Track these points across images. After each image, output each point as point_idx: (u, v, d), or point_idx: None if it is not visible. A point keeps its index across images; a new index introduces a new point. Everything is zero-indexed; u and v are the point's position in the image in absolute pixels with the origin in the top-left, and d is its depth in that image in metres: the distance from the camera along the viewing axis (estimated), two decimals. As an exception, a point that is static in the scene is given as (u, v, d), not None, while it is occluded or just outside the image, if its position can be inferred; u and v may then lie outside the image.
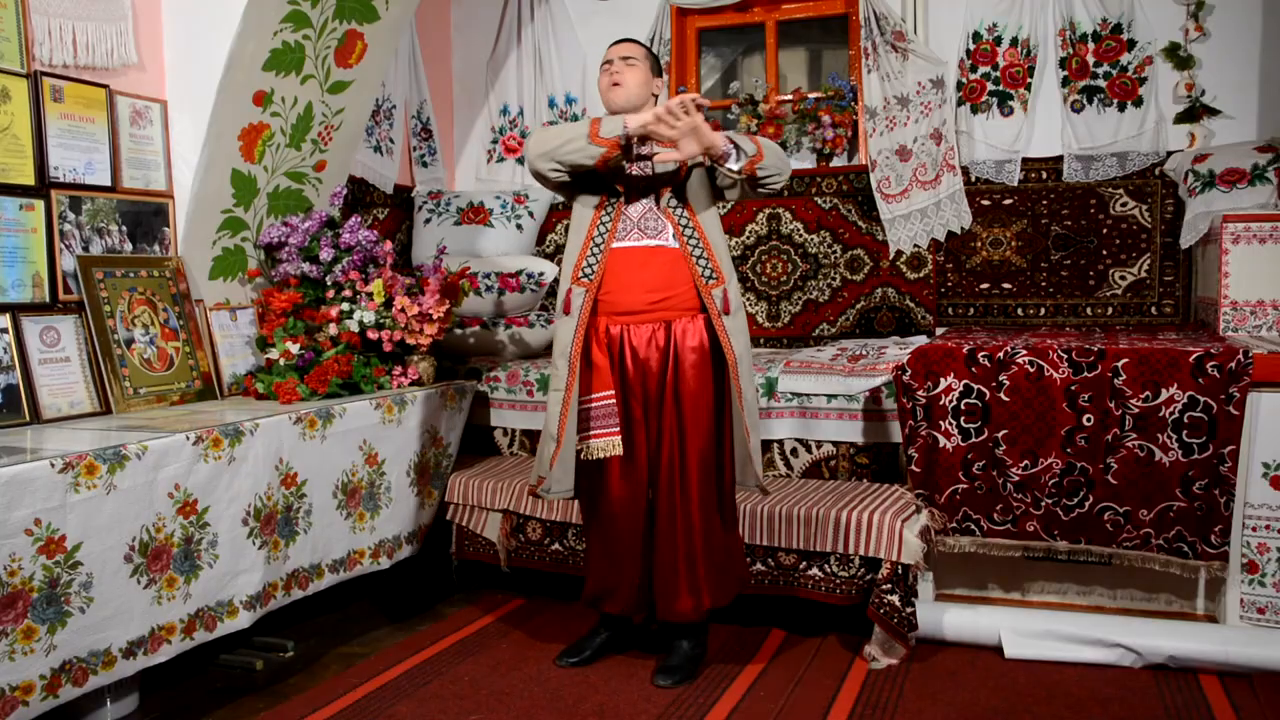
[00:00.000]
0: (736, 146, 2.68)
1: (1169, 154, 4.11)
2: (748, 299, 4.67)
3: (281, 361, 3.38)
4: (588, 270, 2.76)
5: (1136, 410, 2.91)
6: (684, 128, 2.59)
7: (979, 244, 4.41)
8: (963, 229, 4.37)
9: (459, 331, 4.13)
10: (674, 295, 2.75)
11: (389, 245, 3.66)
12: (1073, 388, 2.96)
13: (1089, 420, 2.95)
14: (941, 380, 3.09)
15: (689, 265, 2.75)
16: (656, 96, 2.86)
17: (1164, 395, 2.88)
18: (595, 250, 2.76)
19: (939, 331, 4.20)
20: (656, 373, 2.75)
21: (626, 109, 2.78)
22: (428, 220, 4.58)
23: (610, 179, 2.76)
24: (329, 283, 3.56)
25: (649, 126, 2.62)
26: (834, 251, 4.53)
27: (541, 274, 4.13)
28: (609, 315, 2.77)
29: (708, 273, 2.75)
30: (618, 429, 2.73)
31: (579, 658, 2.94)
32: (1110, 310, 4.24)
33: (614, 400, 2.73)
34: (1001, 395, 3.03)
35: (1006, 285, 4.38)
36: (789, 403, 3.49)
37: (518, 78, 5.03)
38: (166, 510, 2.53)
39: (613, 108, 2.81)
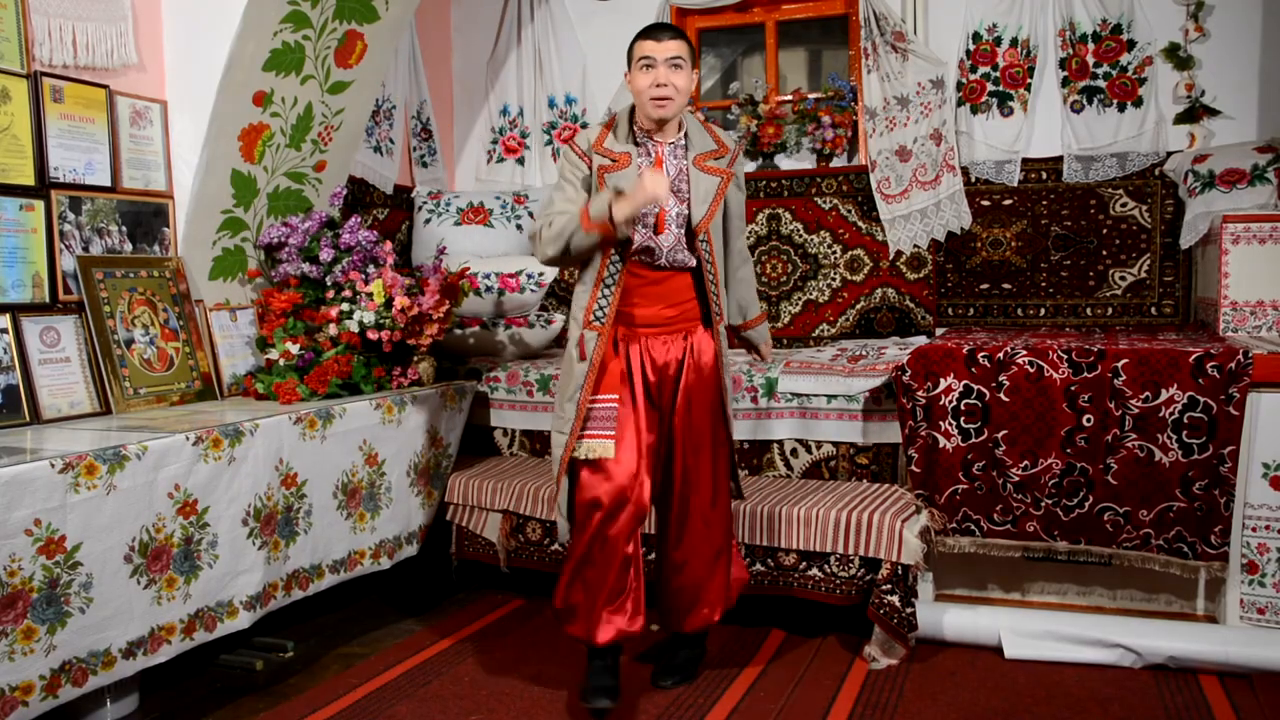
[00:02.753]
0: None
1: (1169, 154, 4.11)
2: (748, 299, 4.67)
3: (281, 362, 3.38)
4: (599, 314, 2.62)
5: (1136, 410, 2.91)
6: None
7: (979, 244, 4.41)
8: (963, 229, 4.37)
9: (459, 331, 4.12)
10: (690, 308, 2.71)
11: (389, 245, 3.66)
12: (1073, 388, 2.96)
13: (1089, 420, 2.95)
14: (941, 380, 3.09)
15: (709, 296, 2.70)
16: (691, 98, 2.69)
17: (1164, 395, 2.88)
18: (606, 292, 2.62)
19: (939, 332, 4.20)
20: (672, 380, 2.69)
21: (670, 119, 2.61)
22: (428, 220, 4.58)
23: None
24: (329, 283, 3.56)
25: (647, 200, 2.46)
26: (834, 252, 4.53)
27: (541, 274, 4.13)
28: (627, 325, 2.68)
29: (716, 309, 2.71)
30: (612, 432, 2.61)
31: (613, 698, 2.60)
32: (1110, 310, 4.24)
33: (616, 405, 2.62)
34: (1001, 395, 3.03)
35: (1006, 285, 4.38)
36: (789, 403, 3.49)
37: (518, 78, 5.03)
38: (166, 510, 2.53)
39: (654, 118, 2.60)
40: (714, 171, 2.66)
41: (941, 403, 3.09)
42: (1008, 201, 4.36)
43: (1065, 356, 2.98)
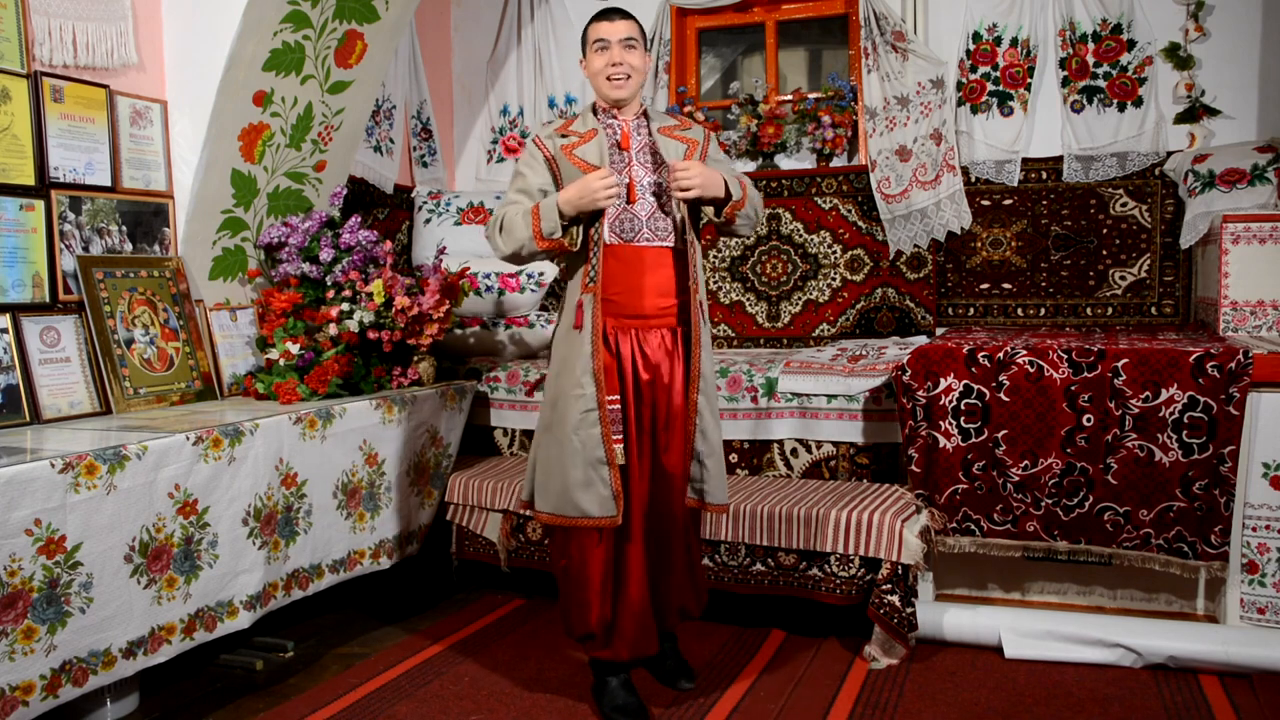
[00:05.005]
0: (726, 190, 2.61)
1: (1169, 154, 4.11)
2: (748, 299, 4.67)
3: (281, 362, 3.38)
4: (592, 274, 2.55)
5: (1136, 410, 2.91)
6: (693, 177, 2.51)
7: (979, 244, 4.41)
8: (963, 229, 4.37)
9: (459, 331, 4.13)
10: (685, 299, 2.63)
11: (389, 245, 3.66)
12: (1073, 388, 2.96)
13: (1089, 420, 2.95)
14: (941, 380, 3.09)
15: (690, 271, 2.61)
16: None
17: (1164, 395, 2.88)
18: (595, 260, 2.55)
19: (939, 331, 4.20)
20: (667, 380, 2.60)
21: (628, 100, 2.65)
22: (428, 220, 4.58)
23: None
24: (329, 283, 3.56)
25: (598, 200, 2.47)
26: (834, 251, 4.53)
27: (541, 274, 4.13)
28: (617, 318, 2.57)
29: (695, 290, 2.61)
30: (621, 436, 2.56)
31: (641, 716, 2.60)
32: (1110, 310, 4.24)
33: (618, 406, 2.56)
34: (1001, 395, 3.03)
35: (1006, 285, 4.38)
36: (789, 403, 3.49)
37: (518, 78, 5.03)
38: (166, 510, 2.53)
39: (611, 100, 2.63)
40: (682, 139, 2.68)
41: (941, 402, 3.09)
42: (1008, 201, 4.36)
43: (1065, 356, 2.98)
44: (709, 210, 2.65)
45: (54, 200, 3.03)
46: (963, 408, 3.08)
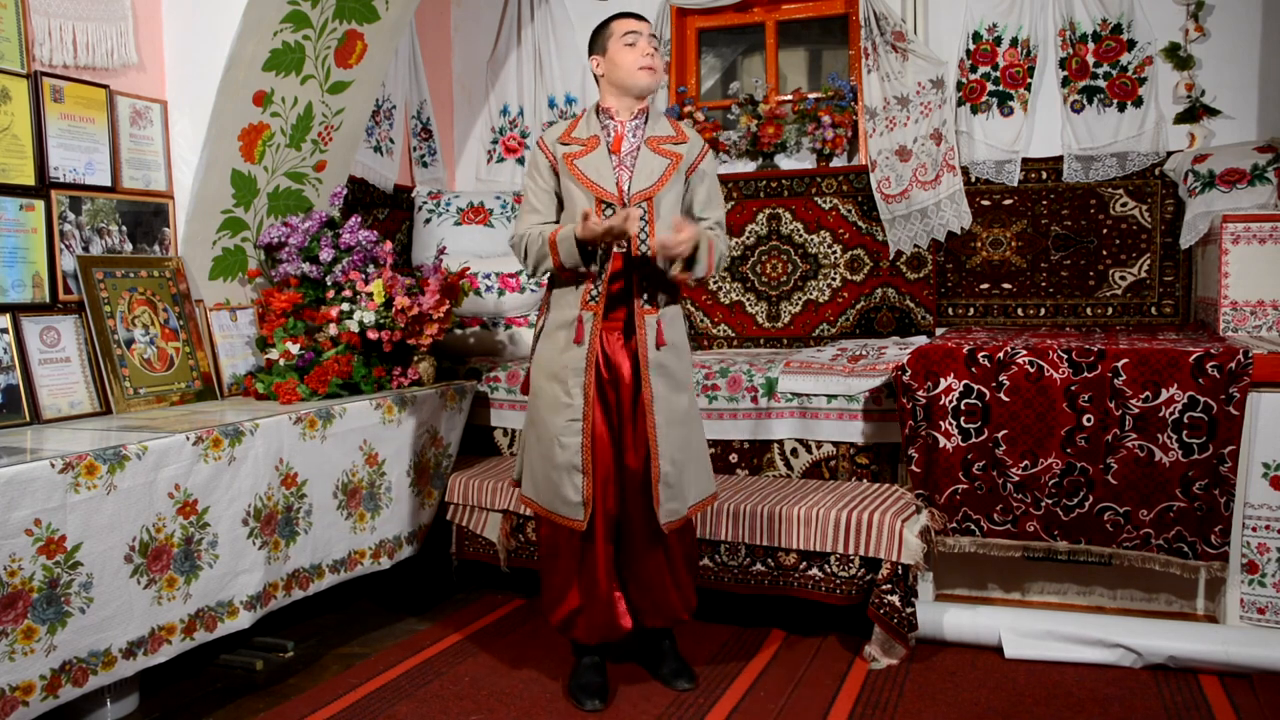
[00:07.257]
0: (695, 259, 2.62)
1: (1169, 154, 4.11)
2: (748, 299, 4.67)
3: (281, 362, 3.38)
4: (594, 296, 2.64)
5: (1136, 410, 2.91)
6: (685, 244, 2.53)
7: (979, 244, 4.41)
8: (963, 229, 4.37)
9: (459, 331, 4.13)
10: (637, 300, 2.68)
11: (389, 245, 3.66)
12: (1073, 388, 2.96)
13: (1089, 420, 2.95)
14: (941, 380, 3.09)
15: (634, 280, 2.65)
16: None
17: (1164, 395, 2.88)
18: (600, 275, 2.64)
19: (939, 332, 4.20)
20: (628, 379, 2.65)
21: (652, 92, 2.70)
22: (428, 220, 4.58)
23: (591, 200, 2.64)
24: (329, 283, 3.56)
25: (615, 229, 2.49)
26: (834, 251, 4.53)
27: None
28: None
29: (645, 297, 2.65)
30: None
31: (604, 699, 2.69)
32: (1110, 310, 4.24)
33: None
34: (1001, 395, 3.03)
35: (1006, 285, 4.38)
36: (789, 403, 3.49)
37: (518, 78, 5.03)
38: (166, 510, 2.53)
39: (638, 92, 2.67)
40: (666, 154, 2.69)
41: (941, 403, 3.09)
42: (1008, 201, 4.36)
43: (1065, 356, 2.98)
44: (676, 267, 2.63)
45: (54, 200, 3.03)
46: (963, 408, 3.08)
